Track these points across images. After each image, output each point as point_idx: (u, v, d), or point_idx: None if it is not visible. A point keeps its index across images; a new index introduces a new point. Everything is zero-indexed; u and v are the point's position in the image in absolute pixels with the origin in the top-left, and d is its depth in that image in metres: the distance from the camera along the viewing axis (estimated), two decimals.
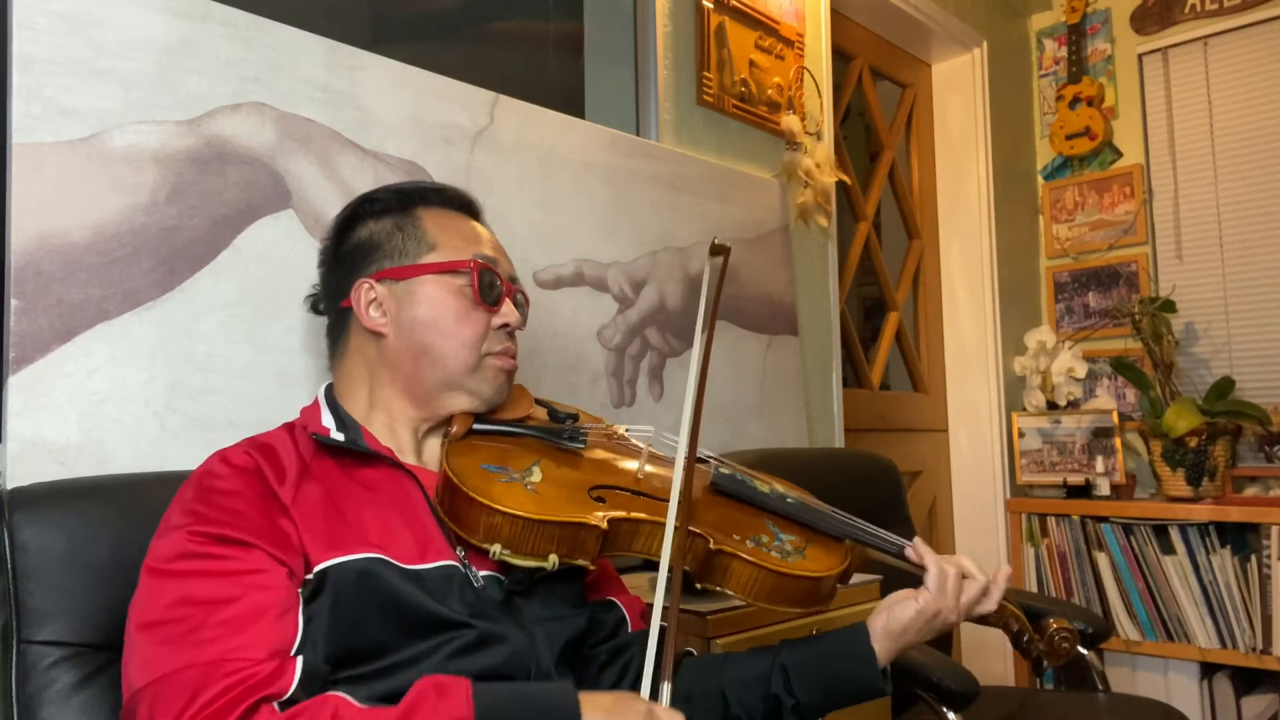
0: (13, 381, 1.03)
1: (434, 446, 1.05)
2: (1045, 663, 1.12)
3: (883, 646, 1.02)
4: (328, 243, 1.11)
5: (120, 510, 1.00)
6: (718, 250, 1.15)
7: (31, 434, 1.04)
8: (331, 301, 1.08)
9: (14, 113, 1.06)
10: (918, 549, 1.06)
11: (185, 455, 1.14)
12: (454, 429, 1.03)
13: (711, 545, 0.97)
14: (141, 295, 1.14)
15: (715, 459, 1.15)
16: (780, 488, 1.16)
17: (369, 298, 1.04)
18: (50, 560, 0.94)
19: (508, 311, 1.06)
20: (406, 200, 1.08)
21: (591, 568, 0.96)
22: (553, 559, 0.91)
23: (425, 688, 0.81)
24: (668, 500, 0.96)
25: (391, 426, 1.03)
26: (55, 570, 0.94)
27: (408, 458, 1.03)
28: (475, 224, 1.11)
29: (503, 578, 0.96)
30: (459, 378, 1.03)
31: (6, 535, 0.94)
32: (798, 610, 1.02)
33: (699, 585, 0.99)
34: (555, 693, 0.85)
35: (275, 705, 0.79)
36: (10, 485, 1.00)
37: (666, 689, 0.87)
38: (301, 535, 0.89)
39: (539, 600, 0.98)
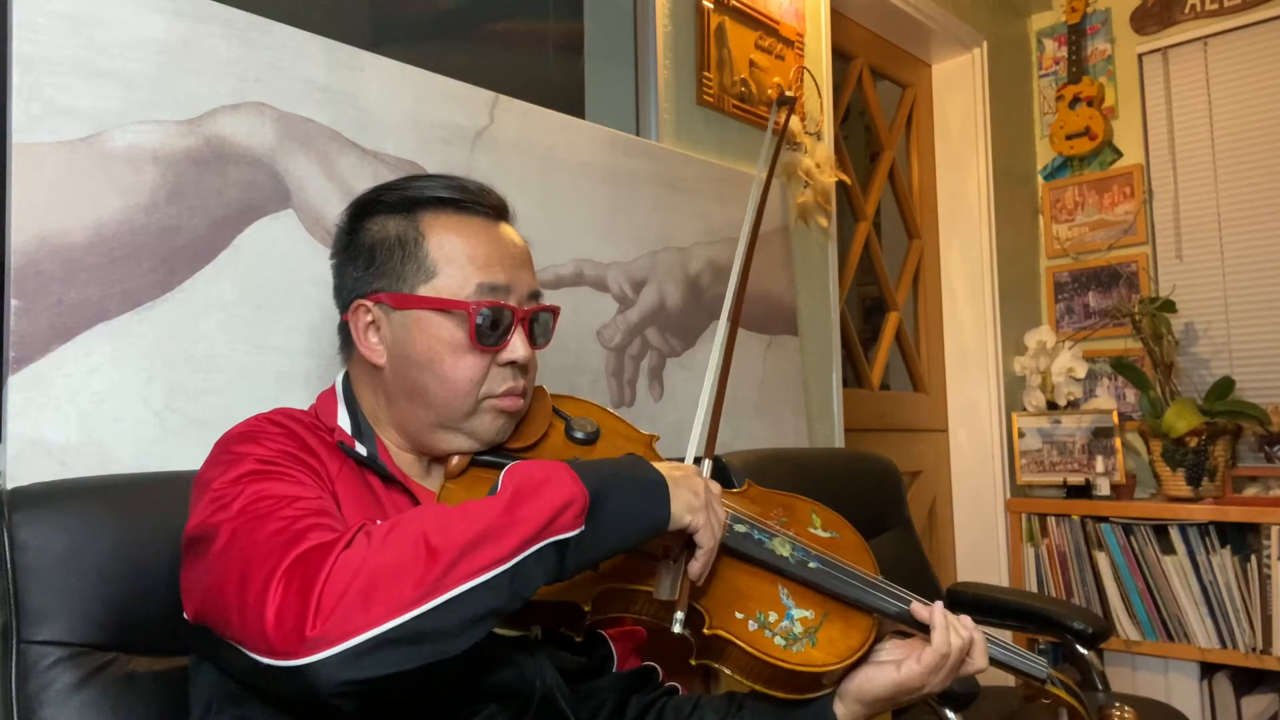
0: (13, 381, 1.03)
1: (440, 473, 1.01)
2: None
3: (851, 711, 0.96)
4: (340, 230, 1.04)
5: (120, 510, 1.00)
6: (785, 100, 1.04)
7: (31, 434, 1.04)
8: (338, 300, 1.04)
9: (14, 113, 1.06)
10: (929, 611, 0.96)
11: (185, 455, 1.14)
12: (453, 462, 0.98)
13: (705, 630, 0.90)
14: (141, 295, 1.14)
15: (731, 510, 1.03)
16: (819, 523, 1.07)
17: (365, 320, 0.98)
18: (50, 560, 0.94)
19: (515, 347, 0.97)
20: (413, 205, 0.99)
21: (578, 639, 0.91)
22: (535, 630, 0.89)
23: (524, 472, 0.81)
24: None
25: (397, 449, 1.01)
26: (55, 570, 0.94)
27: (417, 477, 1.01)
28: (493, 232, 1.01)
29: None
30: (454, 420, 0.97)
31: (6, 535, 0.94)
32: (797, 696, 0.94)
33: (693, 661, 0.94)
34: (639, 468, 0.88)
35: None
36: (10, 485, 1.00)
37: (707, 465, 0.92)
38: (343, 510, 0.89)
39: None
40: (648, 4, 1.97)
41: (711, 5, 2.09)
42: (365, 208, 1.02)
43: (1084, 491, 2.89)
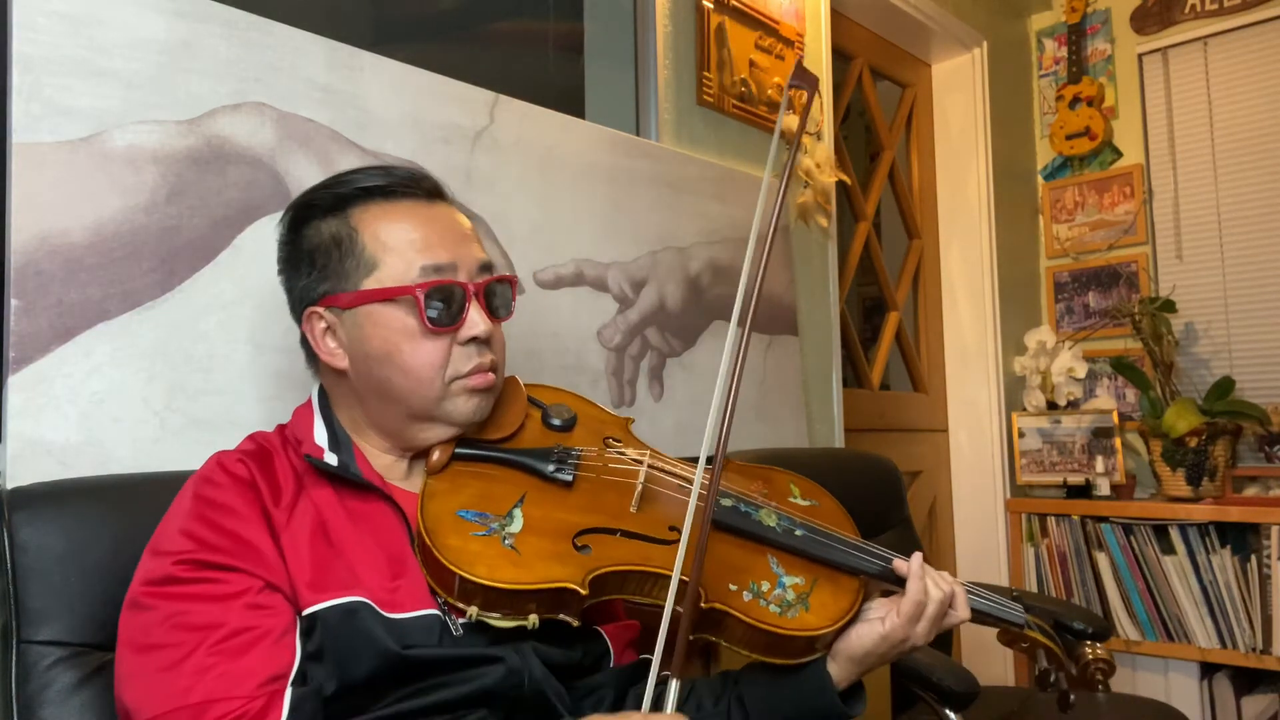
0: (13, 381, 1.03)
1: (422, 471, 0.99)
2: (1071, 697, 1.00)
3: (844, 669, 0.96)
4: (280, 242, 1.03)
5: (120, 510, 1.00)
6: (802, 75, 1.01)
7: (31, 434, 1.04)
8: (293, 313, 1.02)
9: (14, 113, 1.06)
10: (907, 565, 0.97)
11: (185, 455, 1.14)
12: (434, 457, 0.97)
13: (702, 604, 0.91)
14: (141, 295, 1.14)
15: (720, 485, 1.04)
16: (798, 492, 1.09)
17: (320, 327, 0.97)
18: (50, 560, 0.94)
19: (474, 322, 0.95)
20: (342, 202, 0.97)
21: (575, 624, 0.90)
22: (533, 619, 0.87)
23: None
24: (661, 541, 0.90)
25: (378, 452, 1.00)
26: (55, 570, 0.94)
27: (398, 480, 0.99)
28: (429, 212, 0.98)
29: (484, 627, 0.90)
30: (426, 409, 0.96)
31: (6, 535, 0.94)
32: (794, 662, 0.96)
33: (690, 636, 0.92)
34: None
35: None
36: (10, 485, 1.00)
37: (674, 686, 0.85)
38: (289, 569, 0.87)
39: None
40: (648, 4, 1.97)
41: (711, 5, 2.09)
42: (299, 215, 1.00)
43: (1084, 491, 2.89)
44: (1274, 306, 2.92)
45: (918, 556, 0.99)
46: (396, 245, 0.95)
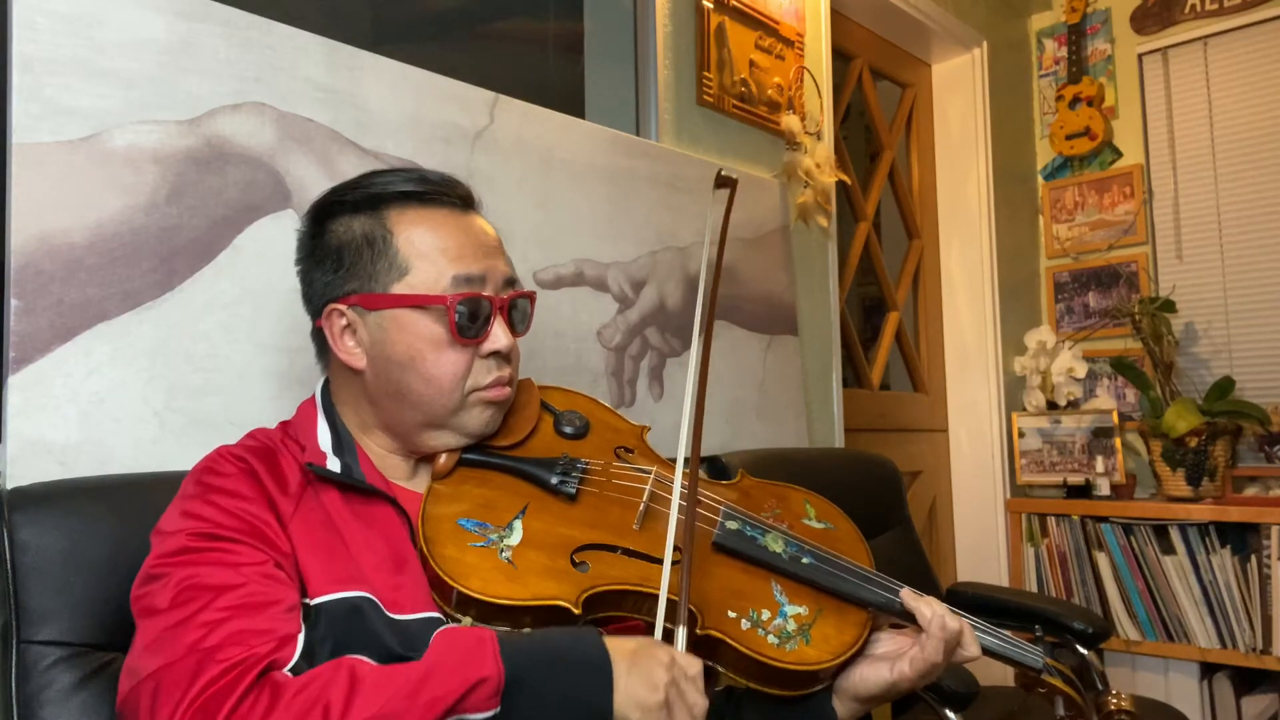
0: (13, 381, 1.03)
1: (427, 472, 1.00)
2: None
3: (847, 708, 0.95)
4: (302, 234, 1.01)
5: (120, 510, 1.00)
6: (724, 182, 1.03)
7: (31, 434, 1.04)
8: (308, 307, 1.01)
9: (14, 113, 1.06)
10: (924, 611, 0.93)
11: (185, 455, 1.14)
12: (440, 461, 0.97)
13: (698, 630, 0.89)
14: (141, 295, 1.14)
15: (726, 507, 1.02)
16: (813, 514, 1.06)
17: (340, 325, 0.96)
18: (50, 560, 0.94)
19: (497, 337, 0.96)
20: (376, 202, 0.97)
21: None
22: (527, 631, 0.87)
23: (445, 643, 0.78)
24: (661, 560, 0.88)
25: (384, 452, 1.00)
26: (55, 570, 0.94)
27: (402, 480, 0.99)
28: (462, 222, 0.99)
29: None
30: (441, 418, 0.96)
31: (6, 535, 0.94)
32: (794, 694, 0.92)
33: None
34: (583, 644, 0.81)
35: (286, 671, 0.77)
36: (10, 485, 1.00)
37: (682, 633, 0.84)
38: (298, 556, 0.87)
39: None
40: (648, 4, 1.97)
41: (711, 5, 2.09)
42: (327, 209, 0.99)
43: (1084, 491, 2.89)
44: (1274, 306, 2.92)
45: (927, 610, 0.94)
46: (429, 252, 0.95)
